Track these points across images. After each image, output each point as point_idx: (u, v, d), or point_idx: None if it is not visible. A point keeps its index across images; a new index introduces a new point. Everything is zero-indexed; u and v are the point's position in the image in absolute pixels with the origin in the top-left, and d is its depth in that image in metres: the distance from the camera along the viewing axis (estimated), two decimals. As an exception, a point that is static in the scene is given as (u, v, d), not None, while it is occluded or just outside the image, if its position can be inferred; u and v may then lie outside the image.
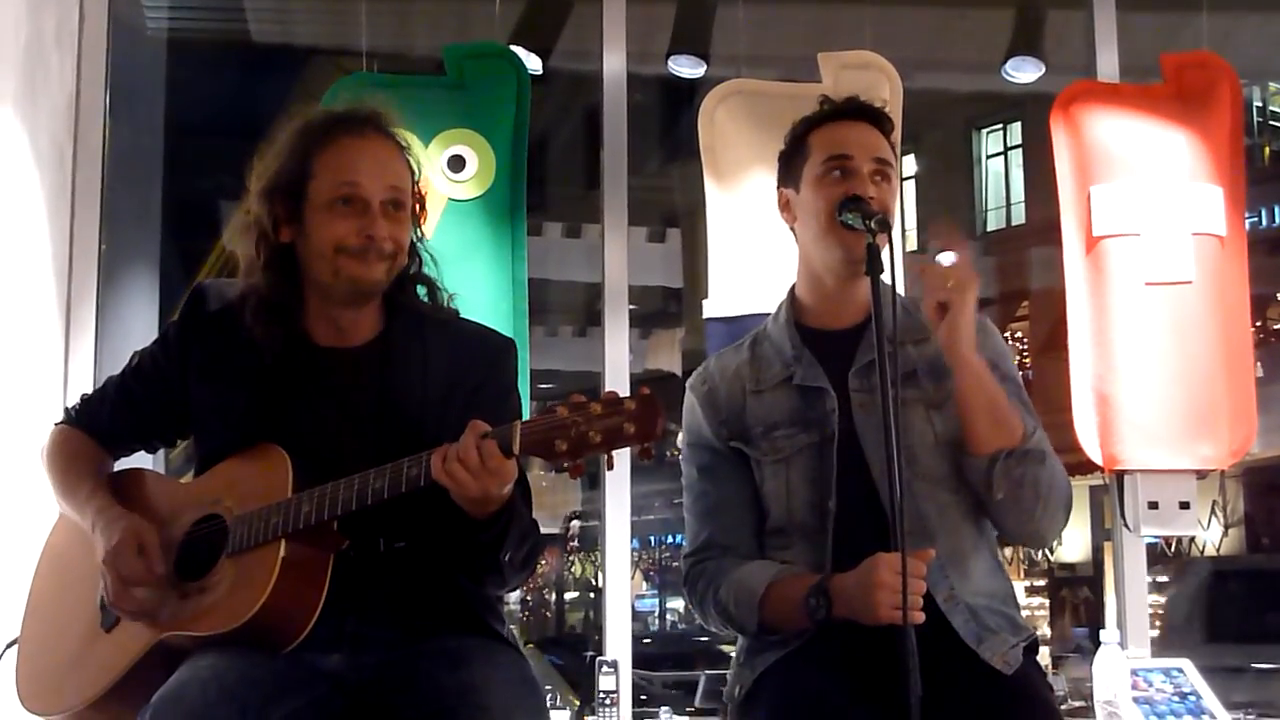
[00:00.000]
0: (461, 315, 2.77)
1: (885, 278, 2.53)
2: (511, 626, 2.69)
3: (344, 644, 2.46)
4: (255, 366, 2.58)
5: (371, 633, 2.49)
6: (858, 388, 2.80)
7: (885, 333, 2.47)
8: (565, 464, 2.24)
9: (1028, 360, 14.96)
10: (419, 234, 2.71)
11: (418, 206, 2.67)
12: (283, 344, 2.58)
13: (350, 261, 2.52)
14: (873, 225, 2.58)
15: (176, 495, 2.66)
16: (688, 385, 2.99)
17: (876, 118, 2.90)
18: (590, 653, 5.18)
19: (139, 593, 2.51)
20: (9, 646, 2.82)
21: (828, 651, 2.62)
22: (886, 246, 2.55)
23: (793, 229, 2.96)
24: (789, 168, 2.94)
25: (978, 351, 2.71)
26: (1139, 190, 4.58)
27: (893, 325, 2.47)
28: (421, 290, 2.73)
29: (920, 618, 2.40)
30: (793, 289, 3.00)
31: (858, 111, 2.90)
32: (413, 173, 2.64)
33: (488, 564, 2.47)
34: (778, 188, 2.97)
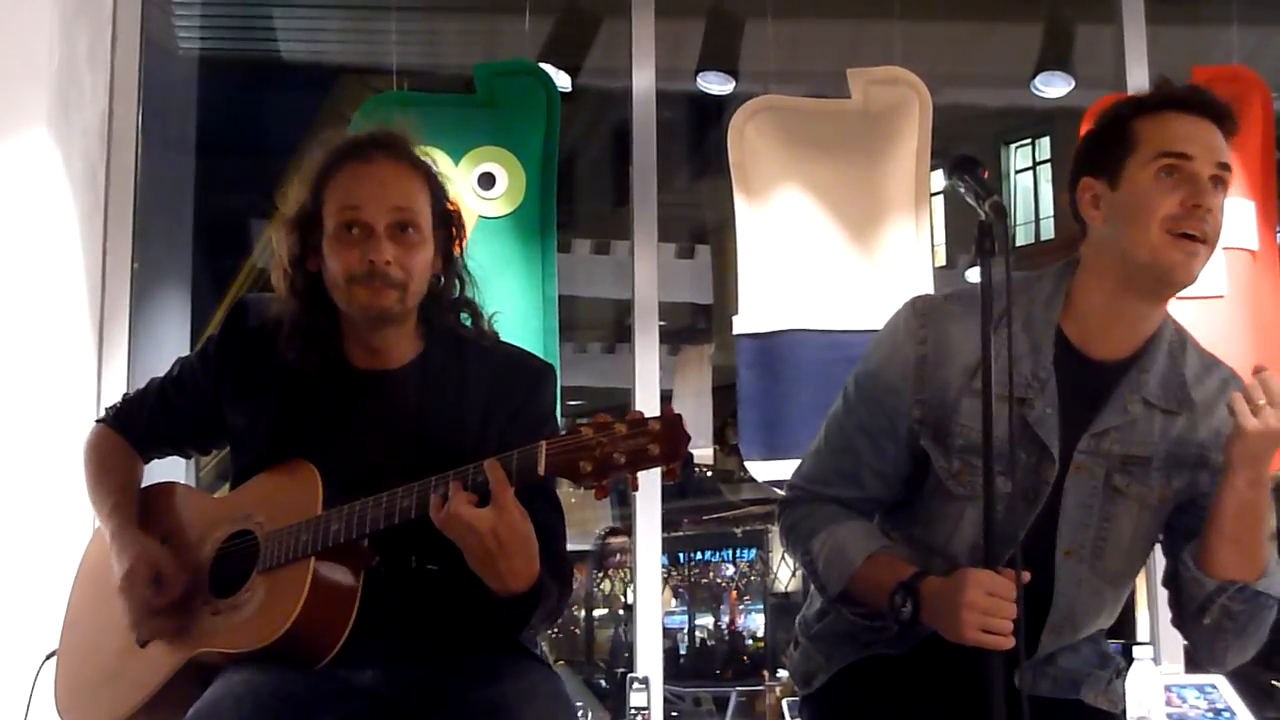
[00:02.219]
0: (501, 338, 2.76)
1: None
2: (542, 644, 2.68)
3: (378, 660, 2.46)
4: (291, 384, 2.58)
5: (405, 649, 2.49)
6: (1087, 449, 2.44)
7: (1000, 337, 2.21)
8: (590, 484, 2.22)
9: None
10: (458, 255, 2.68)
11: (454, 229, 2.65)
12: (318, 366, 2.59)
13: (360, 290, 2.49)
14: (987, 209, 2.23)
15: (209, 510, 2.66)
16: (907, 319, 2.51)
17: (1220, 115, 2.42)
18: (621, 669, 5.18)
19: (154, 619, 2.53)
20: (48, 659, 2.84)
21: (919, 672, 2.45)
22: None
23: (1088, 225, 2.46)
24: (1101, 156, 2.46)
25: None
26: (1170, 204, 4.56)
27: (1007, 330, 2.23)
28: (465, 315, 2.71)
29: (1009, 644, 2.18)
30: (1070, 287, 2.49)
31: (1201, 105, 2.42)
32: (435, 193, 2.60)
33: (509, 627, 2.48)
34: (1081, 176, 2.47)
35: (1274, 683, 8.35)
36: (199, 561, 2.57)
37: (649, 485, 4.60)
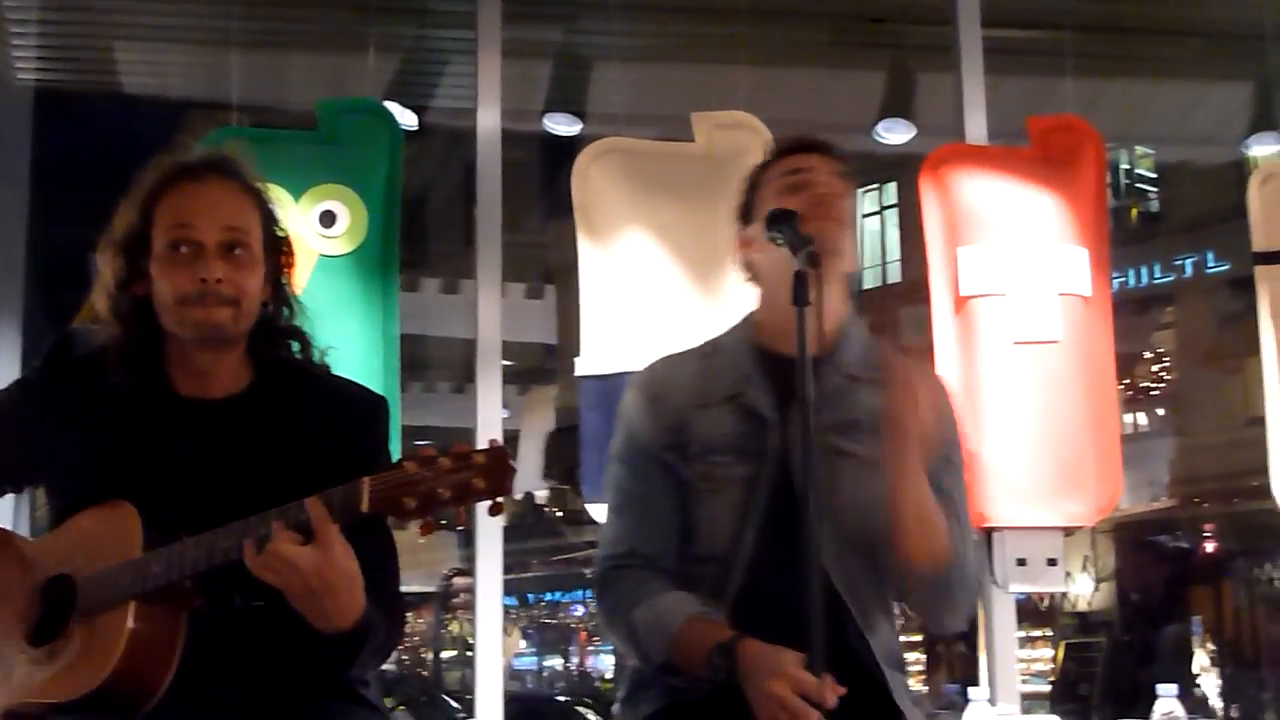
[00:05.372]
0: (333, 371, 2.72)
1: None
2: (383, 688, 2.64)
3: (205, 709, 2.40)
4: (114, 417, 2.52)
5: (232, 697, 2.43)
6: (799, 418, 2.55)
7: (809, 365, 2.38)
8: (414, 520, 2.20)
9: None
10: (286, 283, 2.65)
11: (283, 256, 2.61)
12: (144, 393, 2.52)
13: (192, 309, 2.46)
14: (803, 259, 2.44)
15: (26, 554, 2.58)
16: (632, 382, 2.85)
17: (823, 149, 2.82)
18: (464, 714, 5.13)
19: None
20: None
21: (720, 712, 2.45)
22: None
23: (751, 263, 2.86)
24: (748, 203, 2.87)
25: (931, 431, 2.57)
26: (1006, 251, 4.66)
27: (804, 360, 2.37)
28: (295, 345, 2.68)
29: None
30: (753, 313, 2.86)
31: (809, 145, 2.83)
32: (266, 216, 2.57)
33: (335, 666, 2.44)
34: (740, 226, 2.90)
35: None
36: (16, 608, 2.50)
37: (490, 525, 4.58)
